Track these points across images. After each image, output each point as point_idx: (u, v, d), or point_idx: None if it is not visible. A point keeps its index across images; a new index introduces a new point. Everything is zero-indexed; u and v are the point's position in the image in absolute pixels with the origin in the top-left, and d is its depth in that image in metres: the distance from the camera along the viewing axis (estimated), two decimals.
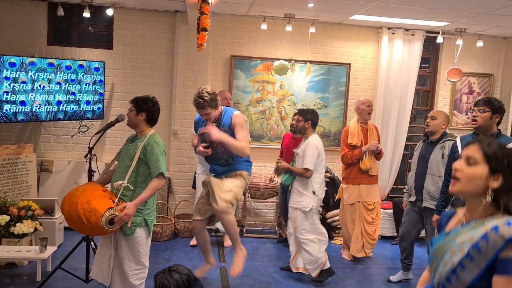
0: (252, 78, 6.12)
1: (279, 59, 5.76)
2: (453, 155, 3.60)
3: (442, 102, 6.48)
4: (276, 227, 6.03)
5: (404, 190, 4.58)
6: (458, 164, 1.66)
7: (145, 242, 3.30)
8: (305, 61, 5.92)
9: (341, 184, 5.27)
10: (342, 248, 5.36)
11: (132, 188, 3.22)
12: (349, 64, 6.23)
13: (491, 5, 4.79)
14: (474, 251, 1.55)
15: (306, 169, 4.27)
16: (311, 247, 4.33)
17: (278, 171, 4.75)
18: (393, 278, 4.61)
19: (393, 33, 6.16)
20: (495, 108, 3.37)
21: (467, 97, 6.50)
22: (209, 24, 3.51)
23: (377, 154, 5.02)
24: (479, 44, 6.08)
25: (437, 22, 5.78)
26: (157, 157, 3.19)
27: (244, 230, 5.83)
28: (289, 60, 5.79)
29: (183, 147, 5.94)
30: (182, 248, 5.28)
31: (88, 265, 3.84)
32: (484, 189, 1.61)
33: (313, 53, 6.13)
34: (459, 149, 3.52)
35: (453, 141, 3.83)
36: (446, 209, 3.69)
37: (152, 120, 3.36)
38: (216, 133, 3.60)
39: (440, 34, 6.04)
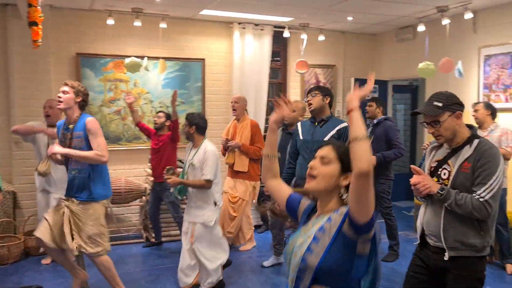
0: (102, 77, 5.75)
1: (130, 56, 5.49)
2: (295, 138, 3.91)
3: (294, 93, 6.87)
4: (142, 231, 5.79)
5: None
6: (314, 163, 1.75)
7: None
8: (158, 58, 5.75)
9: None
10: None
11: None
12: (204, 59, 6.23)
13: (330, 1, 5.18)
14: (319, 233, 1.64)
15: (208, 181, 3.87)
16: (210, 263, 4.00)
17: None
18: (266, 263, 4.82)
19: (243, 28, 6.32)
20: (324, 90, 3.76)
21: None
22: (40, 17, 3.15)
23: (241, 150, 5.05)
24: (321, 38, 6.56)
25: (283, 18, 6.09)
26: None
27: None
28: (141, 57, 5.56)
29: (28, 156, 5.31)
30: (35, 267, 4.76)
31: None
32: (335, 186, 1.73)
33: (166, 49, 5.98)
34: (299, 132, 3.84)
35: None
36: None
37: None
38: (58, 150, 3.38)
39: (286, 28, 6.38)
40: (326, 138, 3.63)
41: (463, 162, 2.31)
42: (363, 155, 1.49)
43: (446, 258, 2.33)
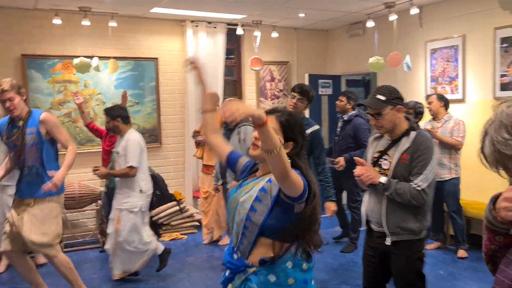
0: (51, 78, 5.54)
1: (79, 56, 5.31)
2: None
3: (249, 90, 6.88)
4: (99, 235, 5.64)
5: (213, 175, 4.79)
6: (255, 134, 1.85)
7: None
8: (109, 57, 5.60)
9: None
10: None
11: None
12: (157, 58, 6.13)
13: None
14: (261, 193, 1.80)
15: (131, 167, 4.00)
16: (132, 250, 4.15)
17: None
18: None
19: (196, 26, 6.27)
20: (310, 99, 3.77)
21: (270, 84, 7.03)
22: None
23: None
24: (274, 35, 6.61)
25: (236, 15, 6.08)
26: None
27: (62, 245, 5.29)
28: (91, 57, 5.40)
29: None
30: None
31: None
32: None
33: (117, 49, 5.84)
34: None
35: (248, 125, 4.16)
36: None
37: None
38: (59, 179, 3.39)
39: (239, 26, 6.37)
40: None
41: (402, 153, 2.49)
42: (277, 166, 1.61)
43: (388, 242, 2.51)
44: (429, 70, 5.73)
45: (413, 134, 2.50)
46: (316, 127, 3.77)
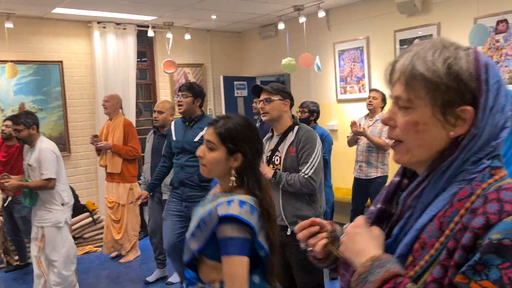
0: None
1: None
2: (169, 138, 3.77)
3: (164, 93, 6.72)
4: (2, 255, 5.17)
5: (140, 182, 4.57)
6: (201, 151, 1.72)
7: None
8: (6, 61, 5.16)
9: None
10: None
11: None
12: (61, 61, 5.76)
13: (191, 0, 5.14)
14: (201, 223, 1.64)
15: (49, 179, 3.64)
16: (60, 268, 3.77)
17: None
18: (150, 278, 4.46)
19: (104, 28, 5.98)
20: (196, 93, 3.61)
21: None
22: None
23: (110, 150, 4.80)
24: (187, 36, 6.51)
25: (146, 16, 5.89)
26: None
27: None
28: None
29: None
30: None
31: None
32: (228, 169, 1.69)
33: (15, 52, 5.40)
34: (173, 133, 3.71)
35: None
36: (156, 187, 3.96)
37: None
38: None
39: (150, 28, 6.19)
40: (196, 139, 3.57)
41: (289, 147, 2.71)
42: None
43: (288, 233, 2.64)
44: (338, 70, 5.96)
45: (296, 128, 2.74)
46: None
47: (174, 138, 3.76)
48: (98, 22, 5.93)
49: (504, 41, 4.34)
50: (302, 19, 5.77)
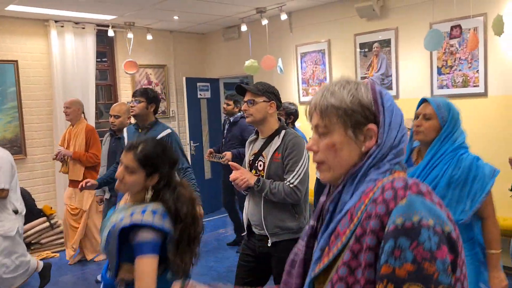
0: None
1: None
2: (122, 145, 3.69)
3: (125, 94, 6.59)
4: None
5: None
6: (120, 174, 1.85)
7: None
8: None
9: None
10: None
11: None
12: (16, 61, 5.56)
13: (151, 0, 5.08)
14: (113, 230, 1.77)
15: (2, 190, 3.56)
16: (11, 274, 3.73)
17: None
18: (100, 276, 4.47)
19: (62, 27, 5.82)
20: (150, 98, 3.48)
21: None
22: None
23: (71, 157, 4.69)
24: (149, 37, 6.41)
25: (106, 16, 5.77)
26: None
27: None
28: None
29: None
30: None
31: None
32: (146, 187, 1.86)
33: None
34: (125, 139, 3.60)
35: None
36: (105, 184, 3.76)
37: None
38: None
39: (110, 27, 6.07)
40: None
41: (274, 152, 2.50)
42: None
43: (269, 244, 2.49)
44: (300, 72, 6.03)
45: (282, 132, 2.52)
46: (168, 131, 3.47)
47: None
48: (56, 21, 5.76)
49: (458, 45, 4.50)
50: (265, 22, 5.80)
